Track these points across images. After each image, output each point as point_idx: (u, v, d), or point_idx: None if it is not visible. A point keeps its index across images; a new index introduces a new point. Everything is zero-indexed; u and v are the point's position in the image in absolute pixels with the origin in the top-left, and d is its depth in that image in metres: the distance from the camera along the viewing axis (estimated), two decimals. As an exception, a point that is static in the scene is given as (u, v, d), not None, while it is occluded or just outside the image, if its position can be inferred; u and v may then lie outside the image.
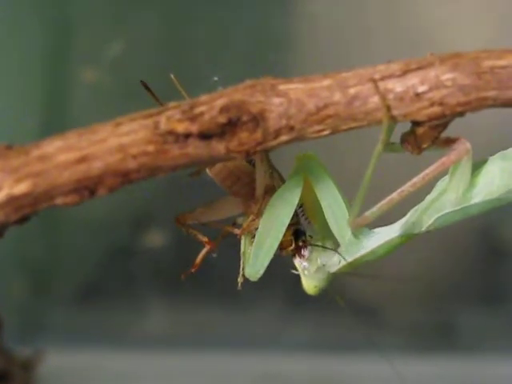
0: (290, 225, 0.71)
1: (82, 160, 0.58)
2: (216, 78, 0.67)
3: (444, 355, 1.53)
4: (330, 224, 0.70)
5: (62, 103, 1.50)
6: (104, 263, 1.57)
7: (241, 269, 0.71)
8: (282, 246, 0.72)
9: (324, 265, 0.72)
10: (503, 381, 1.50)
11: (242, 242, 0.72)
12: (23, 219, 0.59)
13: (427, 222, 0.67)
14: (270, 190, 0.71)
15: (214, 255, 0.73)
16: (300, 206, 0.73)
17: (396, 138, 0.64)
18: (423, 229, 0.68)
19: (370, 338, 1.55)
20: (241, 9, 1.52)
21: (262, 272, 0.70)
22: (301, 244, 0.72)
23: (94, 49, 1.47)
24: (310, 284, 0.73)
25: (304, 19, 1.52)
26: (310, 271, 0.72)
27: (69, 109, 1.51)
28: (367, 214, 0.63)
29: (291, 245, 0.72)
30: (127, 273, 1.54)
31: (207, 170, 0.72)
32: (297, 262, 0.73)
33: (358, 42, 1.48)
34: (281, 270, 0.72)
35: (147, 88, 0.71)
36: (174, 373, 1.48)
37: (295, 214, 0.72)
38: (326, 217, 0.70)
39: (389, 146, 0.65)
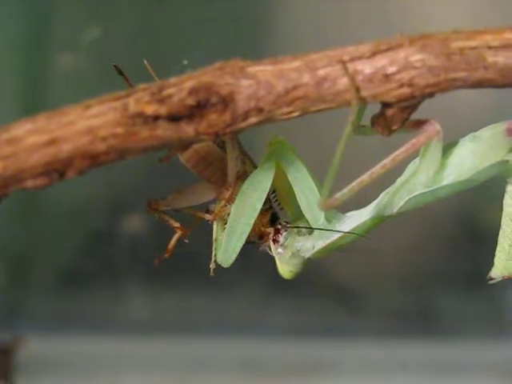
0: (264, 210, 0.71)
1: (51, 143, 0.58)
2: (185, 62, 0.67)
3: (425, 339, 1.54)
4: (302, 209, 0.70)
5: (39, 88, 1.50)
6: (84, 249, 1.57)
7: (213, 255, 0.71)
8: (259, 233, 0.72)
9: (298, 250, 0.72)
10: (484, 364, 1.51)
11: (214, 228, 0.72)
12: (-8, 202, 0.59)
13: (398, 204, 0.67)
14: (242, 176, 0.71)
15: (186, 241, 0.73)
16: (273, 191, 0.73)
17: (367, 120, 0.64)
18: (395, 211, 0.67)
19: (351, 323, 1.56)
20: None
21: (234, 258, 0.70)
22: (278, 228, 0.72)
23: (71, 34, 1.47)
24: (285, 269, 0.73)
25: (286, 8, 1.51)
26: (285, 257, 0.72)
27: (46, 94, 1.50)
28: (338, 195, 0.63)
29: (268, 231, 0.72)
30: (107, 258, 1.54)
31: (179, 156, 0.72)
32: (272, 247, 0.73)
33: (344, 35, 1.47)
34: (262, 254, 0.72)
35: (120, 72, 0.71)
36: (155, 359, 1.48)
37: (268, 200, 0.72)
38: (299, 202, 0.70)
39: (359, 129, 0.65)
